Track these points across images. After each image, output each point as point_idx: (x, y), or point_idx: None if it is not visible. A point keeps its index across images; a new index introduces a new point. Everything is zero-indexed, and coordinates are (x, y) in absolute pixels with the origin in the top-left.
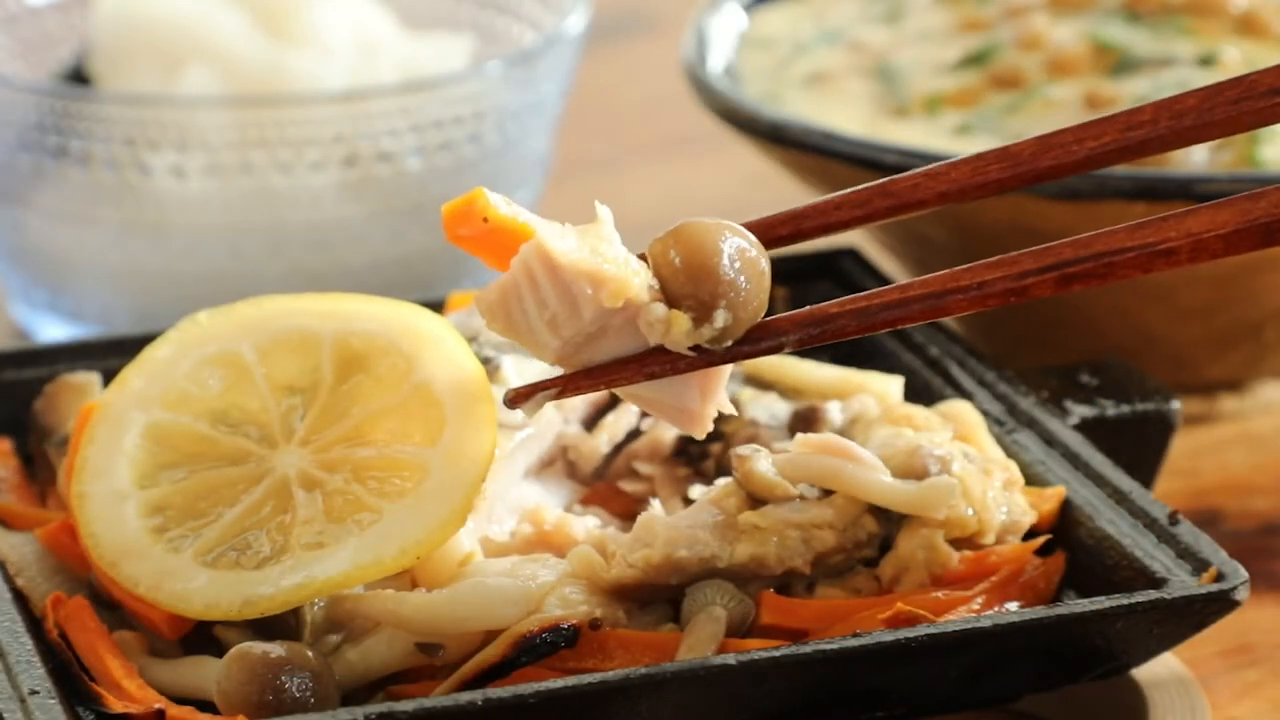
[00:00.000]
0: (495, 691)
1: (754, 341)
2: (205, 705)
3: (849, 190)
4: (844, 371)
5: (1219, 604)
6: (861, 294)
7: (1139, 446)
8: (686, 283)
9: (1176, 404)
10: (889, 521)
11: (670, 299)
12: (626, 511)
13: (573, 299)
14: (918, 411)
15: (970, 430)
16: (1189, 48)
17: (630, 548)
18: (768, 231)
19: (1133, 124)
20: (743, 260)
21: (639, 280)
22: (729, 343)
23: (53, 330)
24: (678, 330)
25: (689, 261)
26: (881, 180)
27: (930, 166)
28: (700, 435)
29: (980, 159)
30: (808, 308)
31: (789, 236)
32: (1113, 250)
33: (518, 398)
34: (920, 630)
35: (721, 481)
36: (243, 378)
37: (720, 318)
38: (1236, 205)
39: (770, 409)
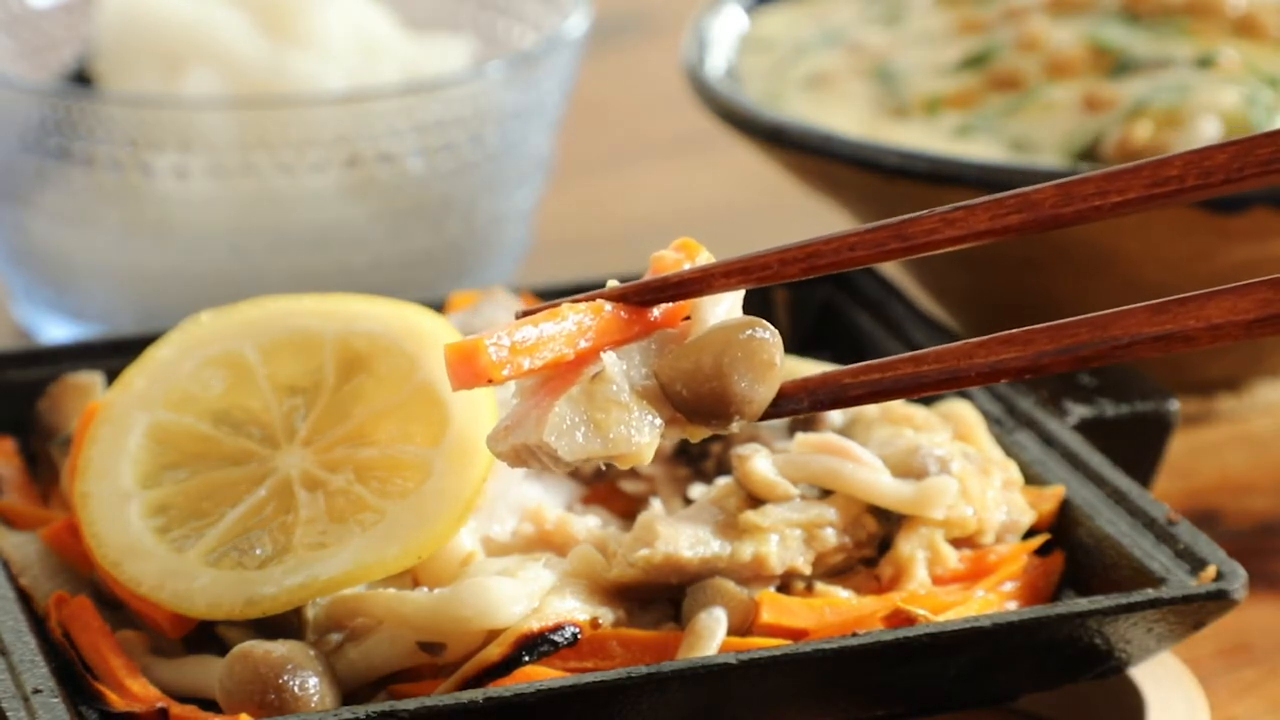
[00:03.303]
0: (496, 690)
1: (769, 409)
2: (208, 704)
3: (865, 229)
4: None
5: (1217, 603)
6: (875, 363)
7: (1137, 446)
8: (698, 408)
9: (1175, 404)
10: (889, 521)
11: (685, 415)
12: (627, 511)
13: (589, 459)
14: (917, 411)
15: (969, 430)
16: (1188, 49)
17: (631, 547)
18: (780, 266)
19: (1159, 179)
20: (750, 366)
21: (650, 440)
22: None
23: (56, 330)
24: (695, 438)
25: (696, 392)
26: (899, 220)
27: (948, 211)
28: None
29: (1000, 205)
30: (821, 374)
31: (802, 272)
32: (1131, 335)
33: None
34: (920, 630)
35: (722, 481)
36: (245, 378)
37: (736, 425)
38: (1257, 293)
39: None
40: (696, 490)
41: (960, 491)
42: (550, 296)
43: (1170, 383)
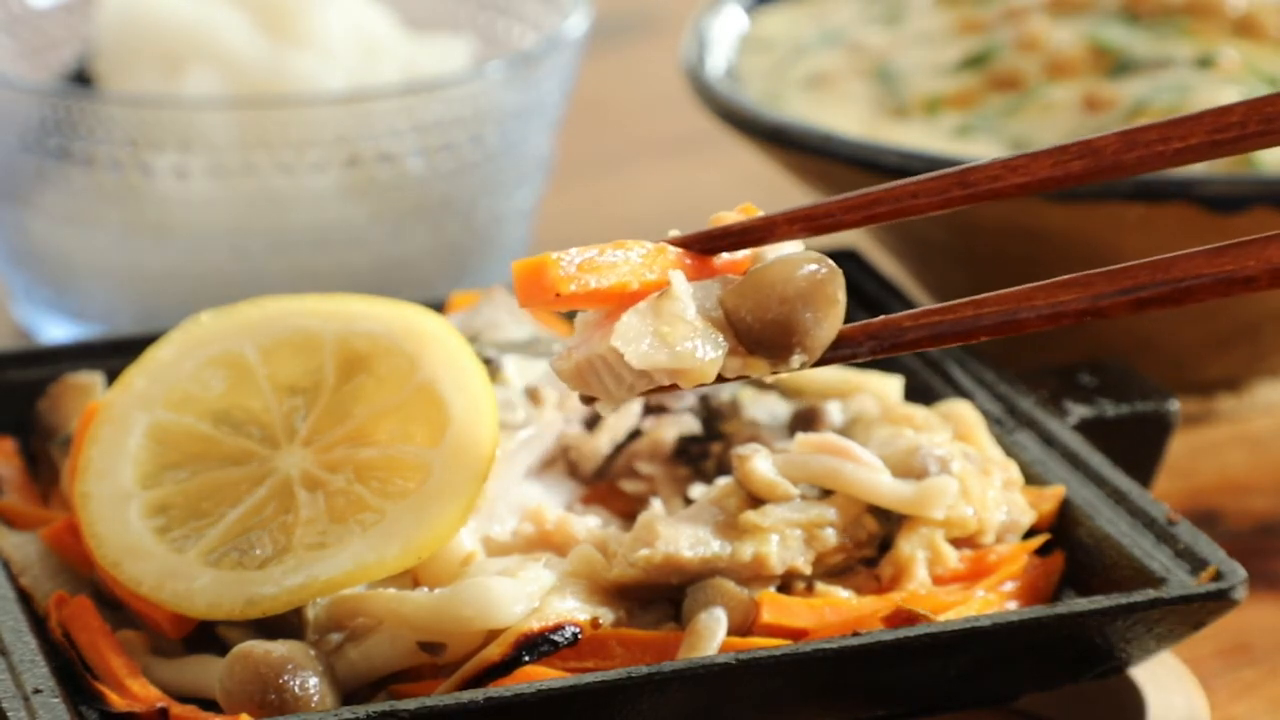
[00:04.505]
0: (497, 690)
1: (828, 352)
2: (208, 704)
3: (926, 177)
4: (844, 371)
5: (1217, 603)
6: (934, 307)
7: (1138, 446)
8: (761, 338)
9: (1175, 404)
10: (889, 521)
11: (747, 347)
12: (627, 511)
13: (650, 380)
14: (917, 411)
15: (970, 430)
16: (1188, 49)
17: (631, 547)
18: (842, 214)
19: (1220, 126)
20: (816, 298)
21: (715, 357)
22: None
23: (56, 330)
24: (755, 373)
25: (761, 319)
26: (961, 168)
27: (1010, 158)
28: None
29: (1063, 151)
30: (881, 319)
31: (863, 220)
32: (1191, 276)
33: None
34: (920, 630)
35: (722, 481)
36: (245, 378)
37: (796, 361)
38: None
39: (770, 409)
40: (696, 490)
41: (960, 491)
42: None
43: (1170, 383)
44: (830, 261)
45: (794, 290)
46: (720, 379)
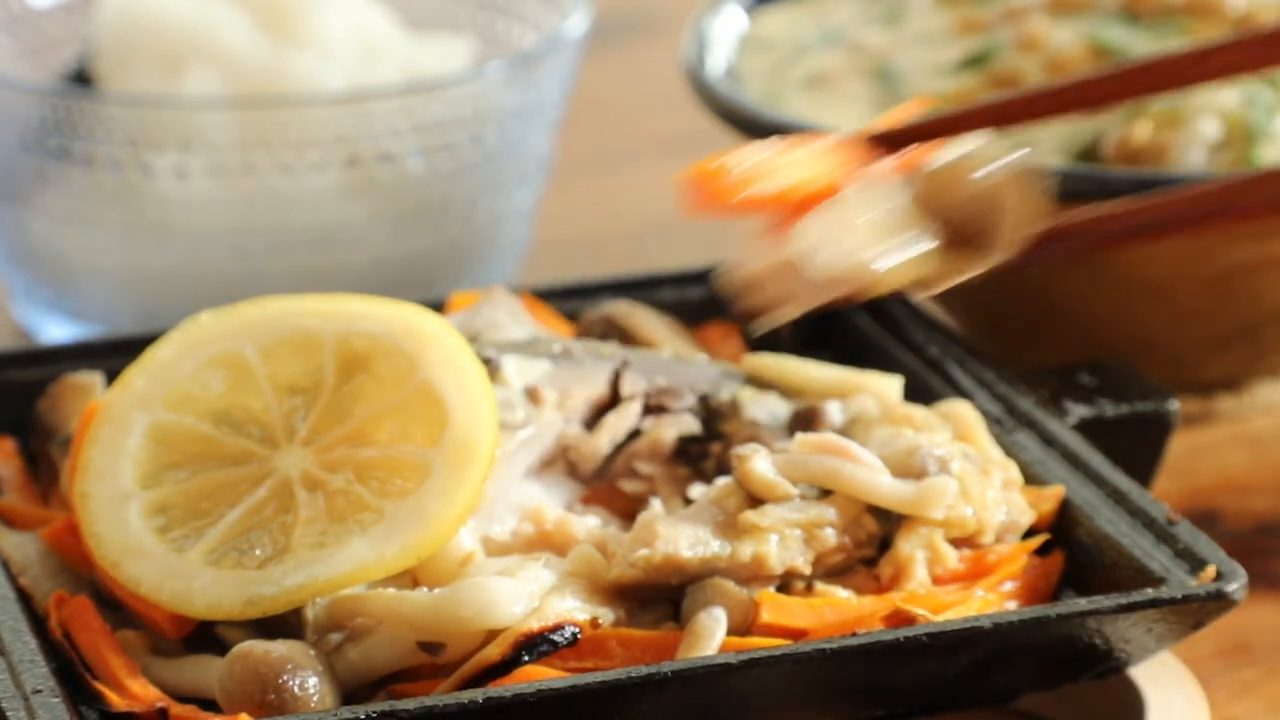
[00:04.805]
0: (496, 690)
1: (1047, 245)
2: (208, 704)
3: (1109, 71)
4: (844, 371)
5: (1217, 603)
6: (1141, 204)
7: (1137, 446)
8: (961, 228)
9: (1175, 404)
10: (888, 521)
11: (939, 246)
12: (627, 511)
13: (837, 287)
14: (917, 411)
15: (969, 430)
16: None
17: (630, 547)
18: (1025, 108)
19: None
20: (1008, 191)
21: (902, 260)
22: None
23: (56, 330)
24: (948, 274)
25: (952, 217)
26: (1141, 61)
27: (1187, 51)
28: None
29: (1243, 44)
30: (1085, 214)
31: (1046, 113)
32: None
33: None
34: (919, 630)
35: (721, 481)
36: (245, 378)
37: (994, 258)
38: None
39: (770, 409)
40: (696, 490)
41: (960, 491)
42: (550, 297)
43: (1170, 383)
44: (1019, 153)
45: (987, 184)
46: (911, 284)
